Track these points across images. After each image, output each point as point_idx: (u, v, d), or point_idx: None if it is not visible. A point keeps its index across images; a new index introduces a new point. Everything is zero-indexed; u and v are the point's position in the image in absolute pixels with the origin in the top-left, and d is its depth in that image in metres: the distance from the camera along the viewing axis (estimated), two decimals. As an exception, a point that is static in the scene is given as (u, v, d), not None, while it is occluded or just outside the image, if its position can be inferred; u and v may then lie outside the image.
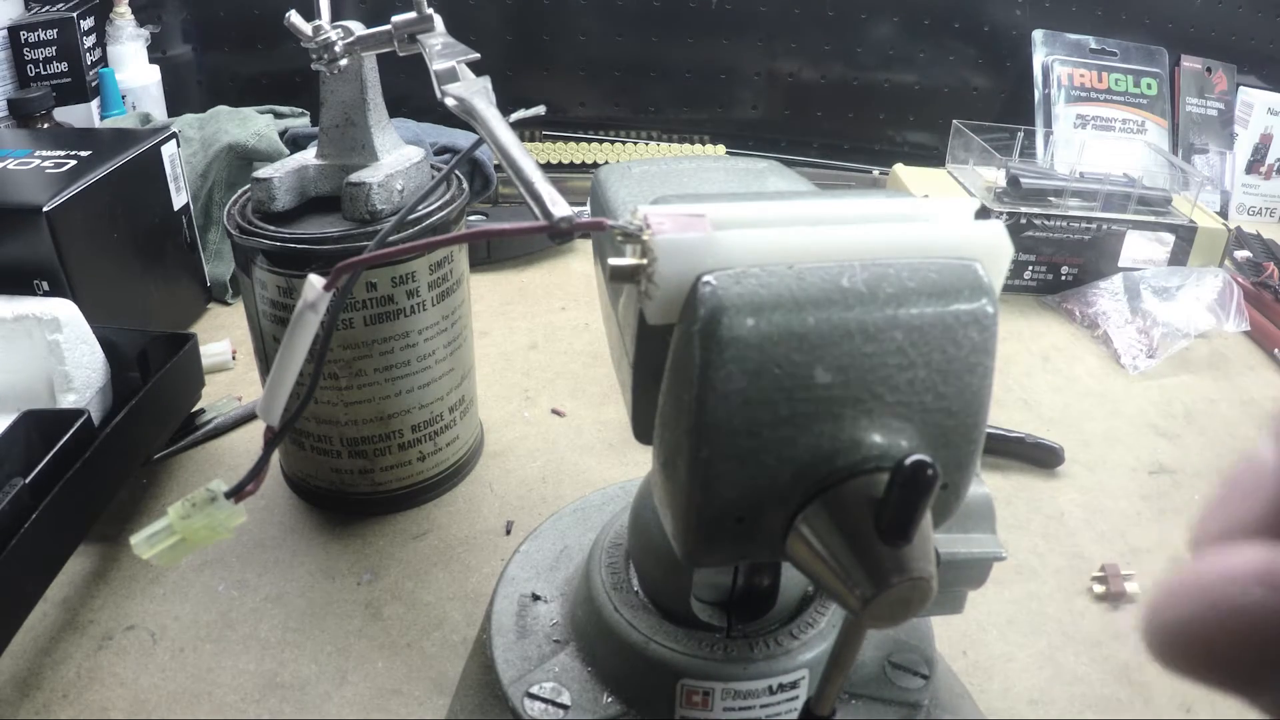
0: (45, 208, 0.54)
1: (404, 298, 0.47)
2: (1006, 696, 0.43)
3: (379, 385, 0.49)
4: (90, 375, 0.51)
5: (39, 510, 0.41)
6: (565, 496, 0.55)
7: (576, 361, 0.70)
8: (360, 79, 0.47)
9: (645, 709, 0.33)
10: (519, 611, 0.38)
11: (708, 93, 1.09)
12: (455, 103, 0.34)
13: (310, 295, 0.26)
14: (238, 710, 0.42)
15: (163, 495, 0.55)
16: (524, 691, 0.33)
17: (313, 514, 0.54)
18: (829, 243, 0.23)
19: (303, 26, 0.44)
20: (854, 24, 1.05)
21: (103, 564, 0.49)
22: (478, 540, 0.52)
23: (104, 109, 0.89)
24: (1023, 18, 1.05)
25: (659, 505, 0.27)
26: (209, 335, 0.69)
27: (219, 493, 0.28)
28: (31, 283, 0.55)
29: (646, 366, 0.26)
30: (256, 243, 0.46)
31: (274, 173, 0.48)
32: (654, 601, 0.34)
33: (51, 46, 0.87)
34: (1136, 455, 0.61)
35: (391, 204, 0.47)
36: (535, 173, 0.27)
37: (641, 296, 0.23)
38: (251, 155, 0.76)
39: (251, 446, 0.59)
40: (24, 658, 0.44)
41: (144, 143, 0.65)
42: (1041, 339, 0.76)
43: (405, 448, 0.52)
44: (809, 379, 0.22)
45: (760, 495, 0.24)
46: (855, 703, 0.34)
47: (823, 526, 0.23)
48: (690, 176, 0.34)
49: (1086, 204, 0.82)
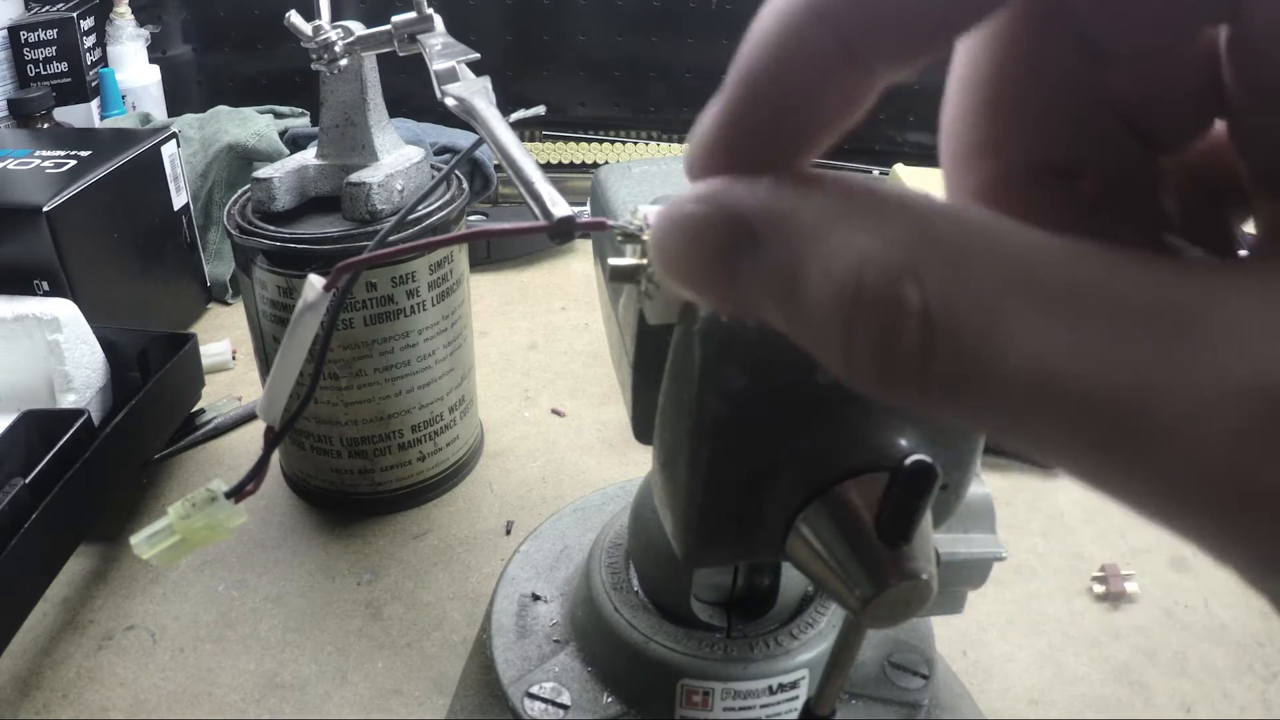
0: (45, 208, 0.54)
1: (404, 298, 0.47)
2: (1006, 696, 0.43)
3: (379, 385, 0.49)
4: (90, 375, 0.51)
5: (39, 510, 0.41)
6: (565, 496, 0.55)
7: (576, 361, 0.70)
8: (360, 79, 0.47)
9: (645, 709, 0.33)
10: (519, 611, 0.38)
11: (708, 93, 1.06)
12: (455, 103, 0.34)
13: (310, 295, 0.26)
14: (238, 710, 0.42)
15: (163, 495, 0.55)
16: (524, 691, 0.33)
17: (313, 514, 0.54)
18: (829, 243, 0.23)
19: (303, 26, 0.44)
20: (854, 24, 1.05)
21: (103, 564, 0.49)
22: (478, 540, 0.52)
23: (104, 109, 0.89)
24: (1023, 18, 1.05)
25: (659, 505, 0.27)
26: (209, 335, 0.69)
27: (219, 493, 0.28)
28: (31, 283, 0.55)
29: (646, 366, 0.26)
30: (256, 243, 0.46)
31: (274, 173, 0.48)
32: (654, 601, 0.34)
33: (51, 46, 0.87)
34: (1136, 455, 0.61)
35: (391, 204, 0.47)
36: (535, 173, 0.27)
37: (641, 296, 0.23)
38: (251, 155, 0.76)
39: (251, 446, 0.59)
40: (24, 658, 0.44)
41: (144, 143, 0.65)
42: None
43: (405, 448, 0.52)
44: (809, 379, 0.22)
45: (760, 495, 0.24)
46: (855, 703, 0.34)
47: (823, 526, 0.23)
48: (690, 176, 0.34)
49: (1086, 204, 0.82)
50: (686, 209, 0.14)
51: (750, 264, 0.14)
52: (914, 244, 0.12)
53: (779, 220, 0.13)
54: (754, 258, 0.13)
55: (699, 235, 0.14)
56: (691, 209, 0.14)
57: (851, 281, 0.12)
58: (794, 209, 0.13)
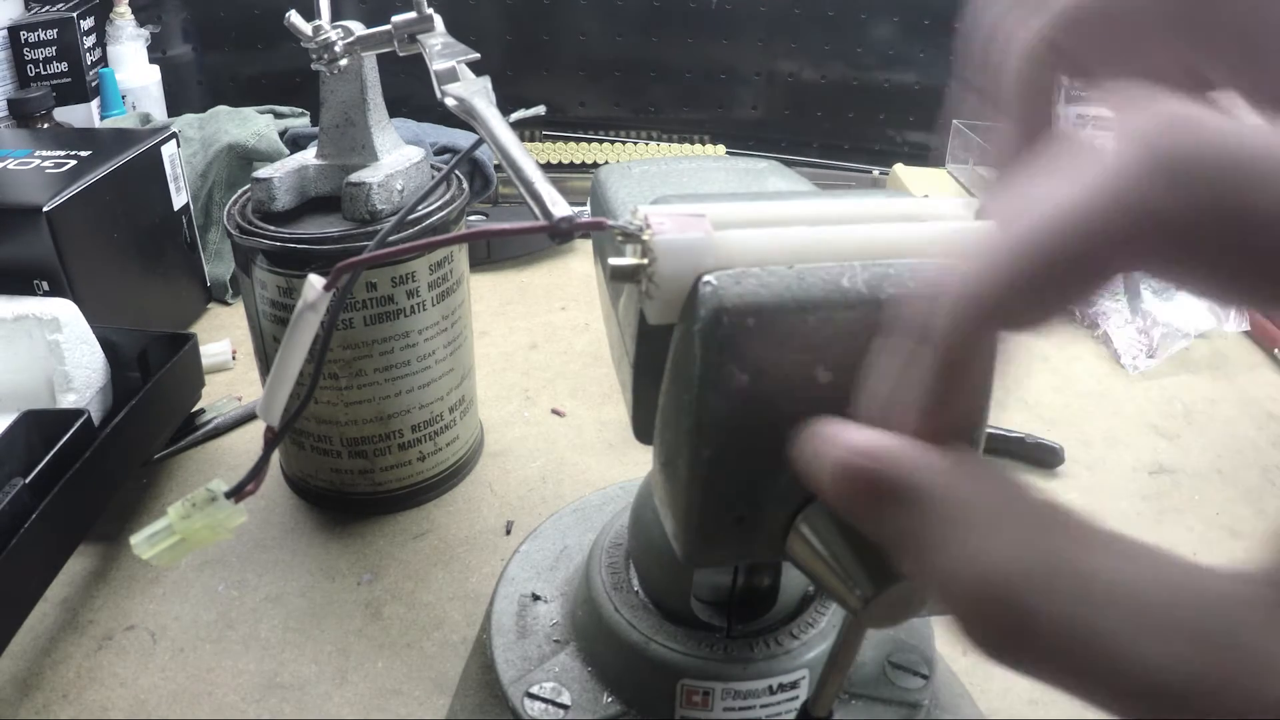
0: (45, 208, 0.54)
1: (404, 298, 0.47)
2: (1006, 696, 0.43)
3: (379, 385, 0.49)
4: (90, 375, 0.51)
5: (39, 510, 0.41)
6: (565, 496, 0.55)
7: (576, 361, 0.70)
8: (360, 79, 0.47)
9: (645, 709, 0.33)
10: (519, 611, 0.38)
11: (708, 93, 1.09)
12: (455, 103, 0.34)
13: (310, 295, 0.26)
14: (238, 710, 0.42)
15: (163, 495, 0.55)
16: (524, 691, 0.33)
17: (313, 514, 0.54)
18: (829, 243, 0.23)
19: (303, 26, 0.44)
20: (854, 24, 1.05)
21: (103, 564, 0.49)
22: (478, 540, 0.52)
23: (104, 109, 0.89)
24: (1023, 18, 1.05)
25: (659, 505, 0.27)
26: (209, 335, 0.69)
27: (219, 493, 0.28)
28: (31, 283, 0.55)
29: (646, 366, 0.26)
30: (256, 243, 0.46)
31: (274, 173, 0.48)
32: (654, 601, 0.34)
33: (51, 46, 0.87)
34: (1136, 455, 0.61)
35: (391, 204, 0.47)
36: (535, 173, 0.27)
37: (642, 296, 0.23)
38: (251, 155, 0.76)
39: (251, 446, 0.59)
40: (24, 658, 0.44)
41: (144, 143, 0.65)
42: (1042, 339, 0.76)
43: (405, 448, 0.52)
44: (810, 378, 0.22)
45: (760, 495, 0.24)
46: (855, 703, 0.34)
47: (823, 526, 0.23)
48: (690, 176, 0.34)
49: (1086, 204, 0.82)
50: (852, 459, 0.17)
51: (892, 513, 0.16)
52: (1042, 562, 0.14)
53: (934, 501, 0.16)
54: (899, 515, 0.16)
55: (855, 477, 0.17)
56: (856, 461, 0.17)
57: (976, 589, 0.15)
58: (954, 495, 0.16)
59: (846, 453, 0.17)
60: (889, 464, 0.16)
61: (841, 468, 0.17)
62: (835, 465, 0.17)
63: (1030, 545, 0.15)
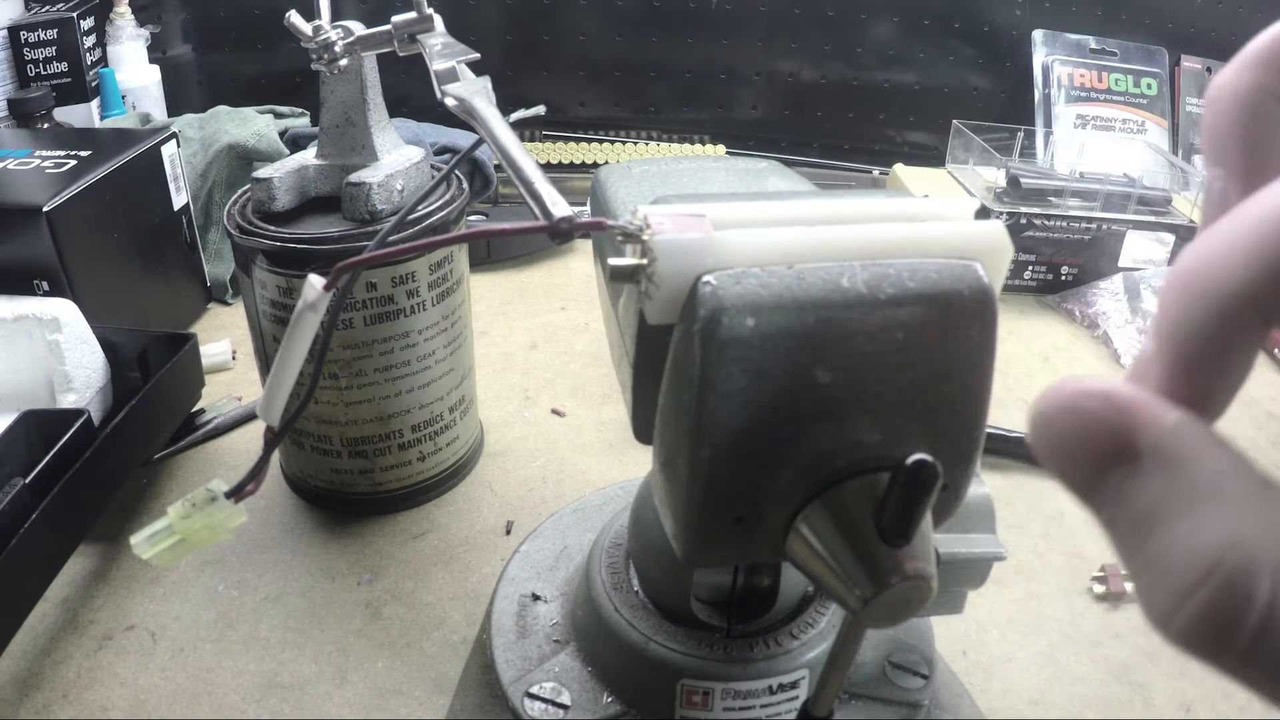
0: (45, 208, 0.54)
1: (404, 298, 0.47)
2: (1006, 696, 0.43)
3: (379, 385, 0.49)
4: (90, 375, 0.51)
5: (39, 510, 0.41)
6: (565, 496, 0.55)
7: (576, 361, 0.70)
8: (360, 79, 0.47)
9: (645, 709, 0.33)
10: (519, 611, 0.38)
11: (708, 93, 1.09)
12: (455, 103, 0.34)
13: (310, 295, 0.26)
14: (238, 710, 0.42)
15: (163, 495, 0.55)
16: (524, 691, 0.33)
17: (313, 514, 0.54)
18: (829, 243, 0.23)
19: (303, 26, 0.44)
20: (854, 24, 1.05)
21: (103, 564, 0.49)
22: (478, 540, 0.52)
23: (104, 109, 0.89)
24: (1023, 18, 1.05)
25: (659, 505, 0.27)
26: (209, 335, 0.69)
27: (219, 493, 0.28)
28: (31, 283, 0.55)
29: (646, 366, 0.26)
30: (256, 243, 0.46)
31: (274, 173, 0.48)
32: (654, 601, 0.34)
33: (51, 46, 0.87)
34: (1136, 455, 0.61)
35: (391, 204, 0.47)
36: (535, 173, 0.27)
37: (641, 296, 0.23)
38: (251, 155, 0.76)
39: (251, 446, 0.59)
40: (24, 658, 0.44)
41: (144, 143, 0.65)
42: (1042, 339, 0.76)
43: (405, 448, 0.52)
44: (810, 379, 0.22)
45: (760, 495, 0.24)
46: (855, 703, 0.34)
47: (823, 526, 0.23)
48: (690, 176, 0.34)
49: (1086, 204, 0.82)
50: (1086, 402, 0.15)
51: (1118, 478, 0.14)
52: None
53: (1172, 463, 0.14)
54: (1127, 477, 0.14)
55: (1086, 430, 0.15)
56: (1093, 405, 0.15)
57: (1214, 558, 0.13)
58: (1191, 459, 0.14)
59: (1080, 396, 0.15)
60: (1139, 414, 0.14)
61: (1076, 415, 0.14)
62: (1064, 408, 0.15)
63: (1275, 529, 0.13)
